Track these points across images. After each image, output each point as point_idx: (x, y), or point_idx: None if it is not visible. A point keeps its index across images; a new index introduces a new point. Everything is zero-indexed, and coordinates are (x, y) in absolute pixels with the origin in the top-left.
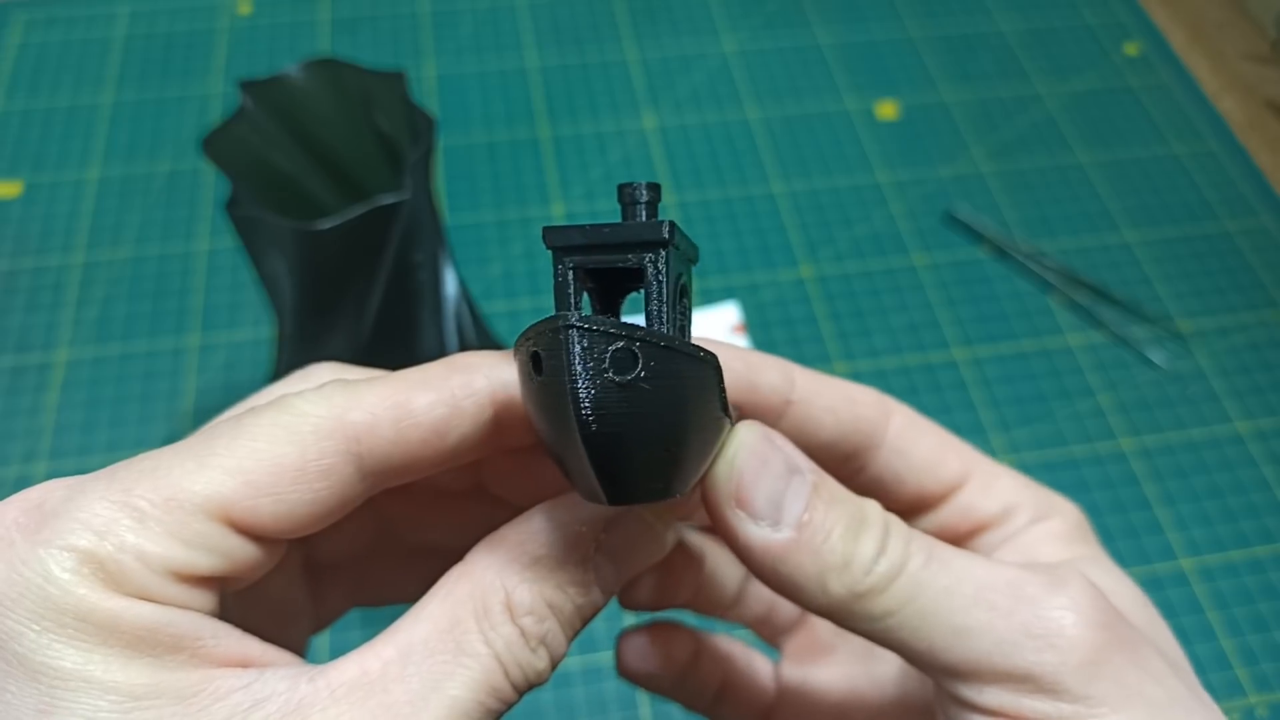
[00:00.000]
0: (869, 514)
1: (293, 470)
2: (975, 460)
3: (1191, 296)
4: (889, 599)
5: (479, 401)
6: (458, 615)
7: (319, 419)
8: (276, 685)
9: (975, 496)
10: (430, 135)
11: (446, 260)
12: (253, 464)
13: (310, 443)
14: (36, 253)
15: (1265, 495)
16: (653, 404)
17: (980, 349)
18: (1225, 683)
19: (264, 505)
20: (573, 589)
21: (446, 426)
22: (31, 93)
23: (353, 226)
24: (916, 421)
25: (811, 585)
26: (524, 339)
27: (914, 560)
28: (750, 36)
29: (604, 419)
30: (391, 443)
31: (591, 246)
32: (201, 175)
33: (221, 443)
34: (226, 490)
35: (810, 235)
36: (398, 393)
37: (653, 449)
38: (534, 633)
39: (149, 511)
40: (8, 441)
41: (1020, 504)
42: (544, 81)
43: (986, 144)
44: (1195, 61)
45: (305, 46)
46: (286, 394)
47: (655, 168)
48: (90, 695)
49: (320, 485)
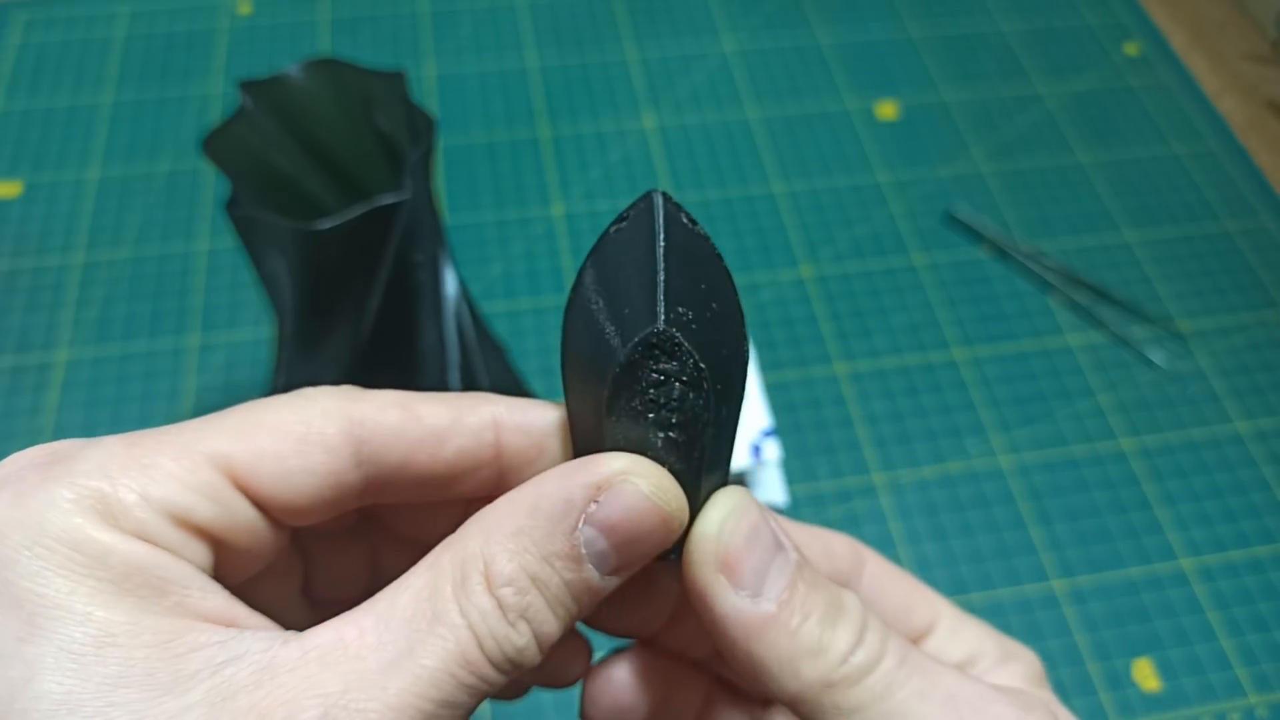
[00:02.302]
0: (848, 604)
1: (295, 437)
2: (941, 607)
3: (1191, 296)
4: (861, 693)
5: (482, 421)
6: (437, 585)
7: (327, 404)
8: (252, 645)
9: (943, 643)
10: (430, 135)
11: (446, 260)
12: (258, 430)
13: (315, 416)
14: (36, 253)
15: (1265, 495)
16: (702, 249)
17: (980, 349)
18: (1225, 683)
19: (265, 465)
20: (559, 562)
21: (447, 433)
22: (31, 93)
23: (353, 226)
24: (888, 569)
25: (783, 668)
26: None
27: (889, 658)
28: (750, 36)
29: (675, 254)
30: (392, 434)
31: None
32: (201, 175)
33: (234, 417)
34: (231, 446)
35: (810, 235)
36: (406, 396)
37: (699, 289)
38: (513, 605)
39: (156, 458)
40: (8, 441)
41: (984, 651)
42: (544, 81)
43: (986, 144)
44: (1195, 61)
45: (305, 46)
46: (315, 390)
47: (655, 168)
48: (68, 625)
49: (320, 458)
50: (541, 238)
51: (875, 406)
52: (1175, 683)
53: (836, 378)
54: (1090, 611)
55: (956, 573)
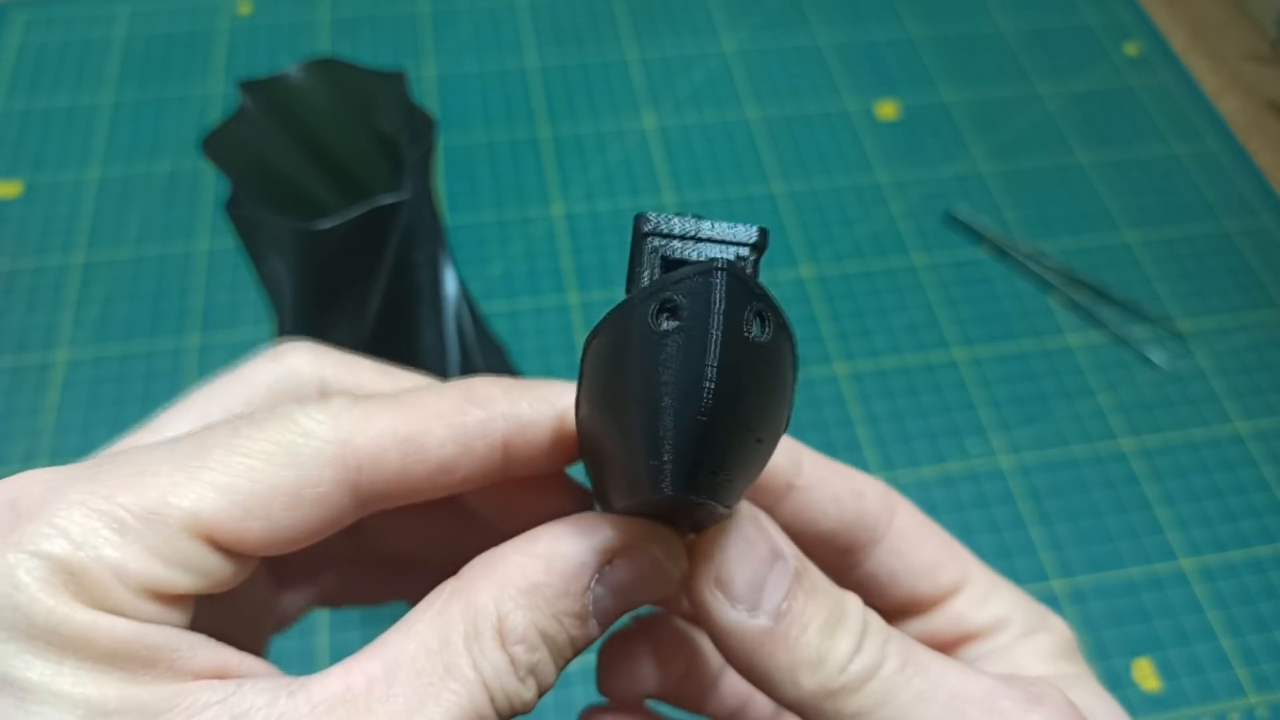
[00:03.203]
0: (848, 609)
1: (287, 495)
2: (972, 568)
3: (1191, 296)
4: (861, 699)
5: (491, 443)
6: (448, 636)
7: (323, 444)
8: (255, 699)
9: (968, 606)
10: (430, 135)
11: (446, 260)
12: (246, 484)
13: (310, 468)
14: (36, 253)
15: (1265, 495)
16: (766, 374)
17: (980, 349)
18: (1225, 683)
19: (253, 528)
20: (569, 620)
21: (455, 465)
22: (31, 93)
23: (353, 226)
24: (920, 522)
25: (784, 678)
26: (649, 292)
27: (890, 662)
28: (750, 36)
29: (727, 378)
30: (394, 475)
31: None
32: (201, 175)
33: (215, 456)
34: (215, 509)
35: (810, 235)
36: (409, 423)
37: (748, 428)
38: (524, 662)
39: (130, 524)
40: (8, 441)
41: (1012, 618)
42: (544, 81)
43: (986, 144)
44: (1195, 61)
45: (305, 46)
46: (290, 409)
47: (655, 168)
48: (57, 708)
49: (314, 512)
50: (541, 238)
51: (875, 406)
52: (1175, 683)
53: (836, 378)
54: (1090, 611)
55: None
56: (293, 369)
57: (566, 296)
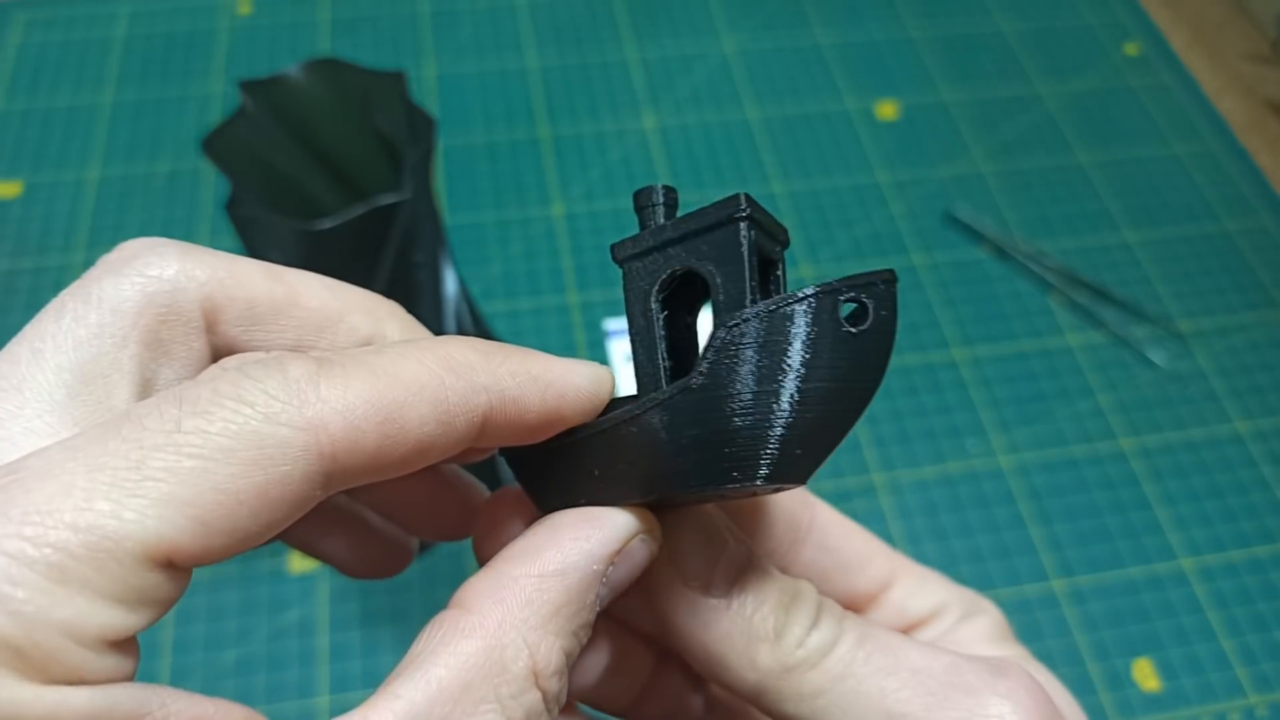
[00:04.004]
0: (802, 590)
1: (253, 501)
2: (901, 562)
3: (1191, 296)
4: (819, 676)
5: (472, 420)
6: (469, 680)
7: (290, 432)
8: None
9: (905, 596)
10: (430, 135)
11: (446, 260)
12: (204, 494)
13: (278, 463)
14: (36, 253)
15: (1265, 495)
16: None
17: (980, 349)
18: (1225, 683)
19: (216, 543)
20: (584, 633)
21: (432, 444)
22: (31, 93)
23: (353, 226)
24: (839, 520)
25: (739, 658)
26: (841, 286)
27: (848, 637)
28: (750, 36)
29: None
30: (368, 459)
31: (664, 243)
32: (201, 175)
33: (159, 459)
34: (171, 530)
35: (810, 235)
36: (386, 398)
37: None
38: (554, 693)
39: (72, 569)
40: None
41: (949, 604)
42: (544, 81)
43: (986, 144)
44: (1195, 61)
45: (305, 46)
46: (239, 381)
47: (655, 168)
48: None
49: (280, 511)
50: (541, 238)
51: (875, 406)
52: (1175, 683)
53: None
54: (1090, 611)
55: (956, 573)
56: (166, 286)
57: (566, 296)
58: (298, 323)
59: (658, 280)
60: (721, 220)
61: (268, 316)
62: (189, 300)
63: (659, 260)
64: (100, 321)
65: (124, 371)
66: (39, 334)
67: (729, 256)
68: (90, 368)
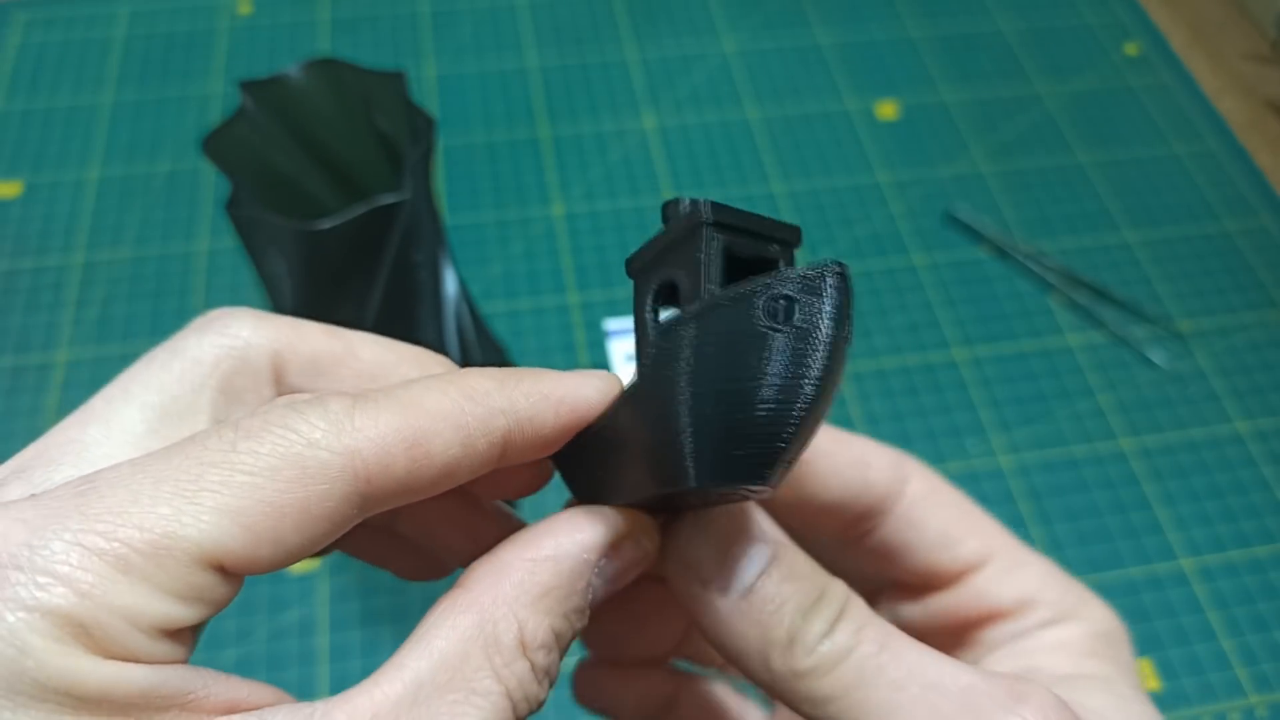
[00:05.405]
0: (828, 593)
1: (296, 514)
2: (1002, 542)
3: (1191, 296)
4: (830, 683)
5: (493, 441)
6: (466, 650)
7: (329, 455)
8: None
9: (990, 582)
10: (430, 135)
11: (446, 260)
12: (253, 505)
13: (319, 483)
14: (36, 253)
15: (1265, 495)
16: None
17: (980, 349)
18: (1225, 683)
19: (263, 551)
20: (575, 615)
21: (458, 467)
22: (31, 93)
23: (353, 226)
24: (937, 491)
25: (754, 657)
26: (762, 285)
27: (863, 648)
28: (750, 36)
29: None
30: (400, 482)
31: (657, 255)
32: (201, 175)
33: (214, 475)
34: (224, 537)
35: (810, 235)
36: (413, 426)
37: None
38: (543, 665)
39: (135, 562)
40: (8, 442)
41: (1040, 599)
42: (544, 81)
43: (986, 144)
44: (1195, 61)
45: (305, 46)
46: (286, 415)
47: (655, 168)
48: None
49: (321, 527)
50: (541, 238)
51: (875, 406)
52: (1175, 683)
53: None
54: None
55: None
56: (240, 342)
57: (566, 296)
58: (354, 373)
59: (650, 291)
60: (690, 228)
61: (328, 368)
62: (259, 354)
63: (653, 272)
64: (182, 369)
65: (200, 412)
66: (132, 378)
67: (689, 262)
68: (170, 407)
